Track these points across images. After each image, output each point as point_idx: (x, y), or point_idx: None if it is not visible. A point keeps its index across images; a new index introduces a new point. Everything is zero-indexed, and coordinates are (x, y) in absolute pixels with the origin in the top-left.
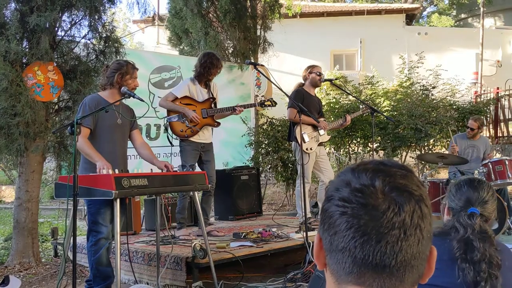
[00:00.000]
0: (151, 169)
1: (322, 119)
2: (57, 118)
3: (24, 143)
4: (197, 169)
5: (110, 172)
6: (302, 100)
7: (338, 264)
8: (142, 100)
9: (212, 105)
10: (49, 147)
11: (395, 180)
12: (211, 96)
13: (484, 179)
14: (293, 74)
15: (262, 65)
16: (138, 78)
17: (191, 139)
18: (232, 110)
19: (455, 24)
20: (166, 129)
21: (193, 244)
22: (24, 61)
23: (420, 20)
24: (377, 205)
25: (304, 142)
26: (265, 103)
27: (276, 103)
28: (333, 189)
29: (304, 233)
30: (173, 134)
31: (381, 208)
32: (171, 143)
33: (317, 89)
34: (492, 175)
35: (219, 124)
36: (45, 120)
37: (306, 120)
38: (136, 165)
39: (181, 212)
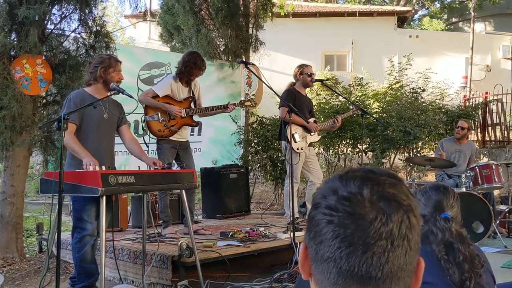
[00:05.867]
0: (139, 166)
1: (313, 119)
2: (44, 112)
3: (10, 137)
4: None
5: (97, 168)
6: (293, 100)
7: (323, 274)
8: (131, 97)
9: (192, 105)
10: (36, 141)
11: (384, 189)
12: (191, 95)
13: (471, 183)
14: (284, 73)
15: (253, 64)
16: (127, 74)
17: (169, 137)
18: (224, 108)
19: (446, 28)
20: (143, 129)
21: (179, 243)
22: (12, 53)
23: (412, 23)
24: (364, 214)
25: (295, 142)
26: (245, 103)
27: (256, 103)
28: (320, 196)
29: (292, 233)
30: (150, 134)
31: (368, 217)
32: (146, 144)
33: (307, 89)
34: (479, 179)
35: (197, 124)
36: (32, 114)
37: (297, 120)
38: (123, 161)
39: (164, 210)
